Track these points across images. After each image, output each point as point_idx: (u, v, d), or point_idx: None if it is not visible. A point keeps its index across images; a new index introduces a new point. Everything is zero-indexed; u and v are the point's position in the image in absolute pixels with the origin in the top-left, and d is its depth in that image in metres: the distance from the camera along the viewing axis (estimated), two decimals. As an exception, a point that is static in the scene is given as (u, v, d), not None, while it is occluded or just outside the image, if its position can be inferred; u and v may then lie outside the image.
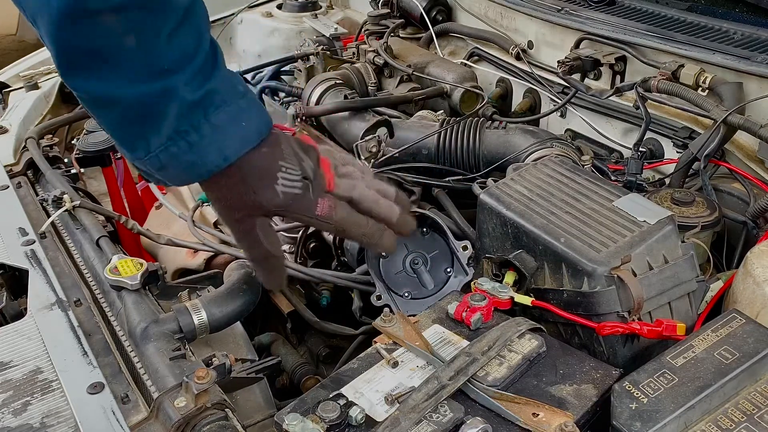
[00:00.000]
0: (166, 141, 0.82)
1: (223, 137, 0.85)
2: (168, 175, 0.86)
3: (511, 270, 1.06)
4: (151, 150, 0.83)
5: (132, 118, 0.82)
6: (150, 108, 0.81)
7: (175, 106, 0.81)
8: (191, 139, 0.83)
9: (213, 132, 0.84)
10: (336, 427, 0.80)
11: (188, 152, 0.83)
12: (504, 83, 2.00)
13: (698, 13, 1.67)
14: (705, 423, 0.79)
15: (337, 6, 2.69)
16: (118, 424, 0.91)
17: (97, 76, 0.79)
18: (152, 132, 0.82)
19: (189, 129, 0.82)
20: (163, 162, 0.84)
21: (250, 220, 0.91)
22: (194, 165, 0.85)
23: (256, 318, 1.49)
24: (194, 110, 0.82)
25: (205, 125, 0.83)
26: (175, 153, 0.83)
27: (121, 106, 0.81)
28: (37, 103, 2.03)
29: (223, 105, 0.84)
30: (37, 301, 1.17)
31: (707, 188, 1.35)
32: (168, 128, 0.82)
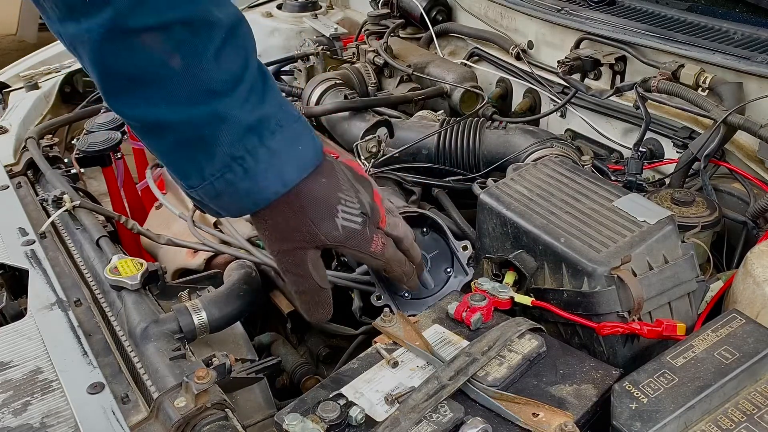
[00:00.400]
0: (221, 167, 0.78)
1: (280, 162, 0.80)
2: (223, 203, 0.82)
3: (511, 270, 1.06)
4: (206, 178, 0.79)
5: (184, 144, 0.78)
6: (201, 133, 0.76)
7: (228, 130, 0.76)
8: (247, 165, 0.78)
9: (270, 157, 0.79)
10: (336, 427, 0.80)
11: (244, 179, 0.79)
12: (504, 83, 2.00)
13: (698, 13, 1.67)
14: (705, 423, 0.79)
15: (337, 6, 2.69)
16: (118, 424, 0.91)
17: (144, 101, 0.75)
18: (205, 158, 0.78)
19: (244, 155, 0.78)
20: (218, 190, 0.80)
21: (299, 253, 0.87)
22: (251, 192, 0.80)
23: (256, 318, 1.49)
24: (249, 134, 0.78)
25: (261, 150, 0.78)
26: (230, 180, 0.79)
27: (171, 131, 0.77)
28: (37, 103, 2.03)
29: (278, 129, 0.79)
30: (37, 301, 1.17)
31: (707, 188, 1.35)
32: (222, 154, 0.77)
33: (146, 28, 0.71)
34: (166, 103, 0.75)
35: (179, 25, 0.72)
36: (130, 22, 0.70)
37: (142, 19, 0.70)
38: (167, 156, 0.81)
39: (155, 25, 0.71)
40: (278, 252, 0.88)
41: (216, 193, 0.80)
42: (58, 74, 2.17)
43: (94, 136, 1.81)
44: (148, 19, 0.71)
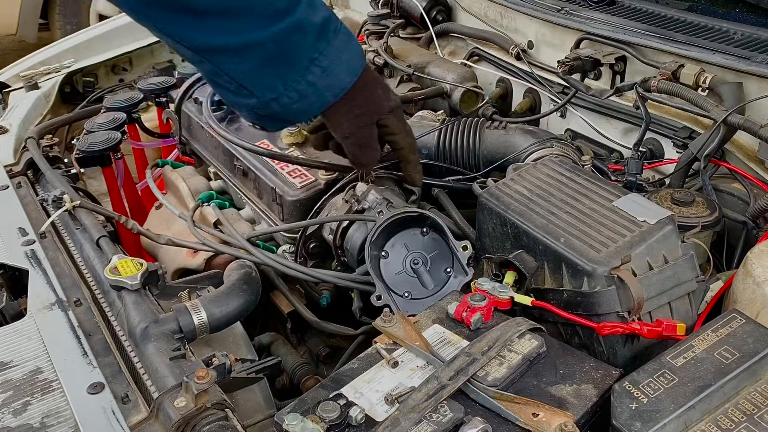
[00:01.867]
0: (303, 71, 0.92)
1: (345, 56, 0.95)
2: (303, 105, 0.95)
3: (511, 270, 1.06)
4: (287, 85, 0.92)
5: (267, 59, 0.90)
6: (284, 44, 0.89)
7: (304, 37, 0.90)
8: (323, 64, 0.92)
9: (338, 53, 0.94)
10: (336, 427, 0.80)
11: (322, 76, 0.93)
12: (504, 83, 2.00)
13: (698, 13, 1.67)
14: (705, 423, 0.79)
15: (337, 6, 2.69)
16: (118, 424, 0.91)
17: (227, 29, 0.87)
18: (287, 67, 0.91)
19: (318, 56, 0.92)
20: (300, 92, 0.93)
21: (371, 125, 1.06)
22: (329, 87, 0.95)
23: (256, 318, 1.49)
24: (319, 37, 0.92)
25: (330, 49, 0.93)
26: (311, 80, 0.92)
27: (257, 50, 0.89)
28: (37, 103, 2.03)
29: (337, 29, 0.94)
30: (37, 301, 1.17)
31: (707, 188, 1.35)
32: (302, 59, 0.91)
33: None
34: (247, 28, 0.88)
35: None
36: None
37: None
38: (250, 75, 0.93)
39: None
40: (356, 129, 1.06)
41: (299, 96, 0.94)
42: (58, 74, 2.17)
43: (94, 136, 1.81)
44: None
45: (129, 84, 2.22)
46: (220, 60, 0.91)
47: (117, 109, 1.93)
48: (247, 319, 1.26)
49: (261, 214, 1.58)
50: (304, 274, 1.35)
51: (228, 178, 1.71)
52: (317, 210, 1.43)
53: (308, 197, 1.45)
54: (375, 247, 1.25)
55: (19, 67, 2.23)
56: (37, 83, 2.10)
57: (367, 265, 1.23)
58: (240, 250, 1.40)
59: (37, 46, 2.51)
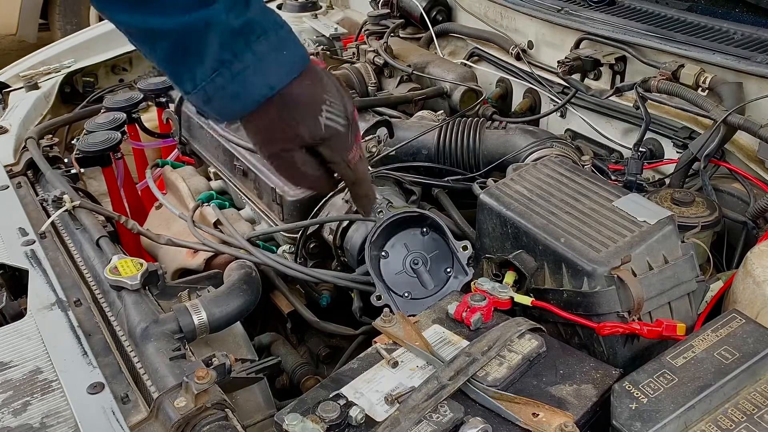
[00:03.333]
0: (210, 72, 0.84)
1: (266, 66, 0.86)
2: (214, 108, 0.88)
3: (511, 270, 1.06)
4: (197, 82, 0.85)
5: (176, 51, 0.84)
6: (193, 39, 0.83)
7: (216, 35, 0.82)
8: (235, 69, 0.84)
9: (256, 61, 0.85)
10: (336, 427, 0.80)
11: (232, 82, 0.84)
12: (504, 83, 2.00)
13: (698, 13, 1.67)
14: (705, 423, 0.79)
15: (337, 6, 2.69)
16: (118, 424, 0.91)
17: (140, 11, 0.82)
18: (197, 63, 0.84)
19: (232, 59, 0.84)
20: (209, 94, 0.85)
21: (288, 153, 0.92)
22: (239, 96, 0.86)
23: (256, 318, 1.49)
24: (236, 39, 0.83)
25: (247, 54, 0.84)
26: (220, 84, 0.84)
27: (164, 38, 0.83)
28: (37, 103, 2.03)
29: (263, 34, 0.85)
30: (37, 301, 1.17)
31: (707, 188, 1.35)
32: (211, 59, 0.83)
33: None
34: (159, 13, 0.81)
35: None
36: None
37: None
38: (165, 63, 0.87)
39: None
40: (269, 155, 0.94)
41: (207, 97, 0.86)
42: (58, 74, 2.17)
43: (94, 136, 1.81)
44: None
45: (129, 84, 2.22)
46: (138, 42, 0.87)
47: (117, 109, 1.94)
48: (247, 319, 1.26)
49: (261, 214, 1.58)
50: (304, 274, 1.35)
51: (228, 178, 1.71)
52: (317, 210, 1.43)
53: (308, 197, 1.45)
54: (375, 247, 1.25)
55: (19, 67, 2.24)
56: (37, 83, 2.10)
57: (367, 265, 1.23)
58: (240, 250, 1.40)
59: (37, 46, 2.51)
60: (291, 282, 1.45)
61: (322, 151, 0.94)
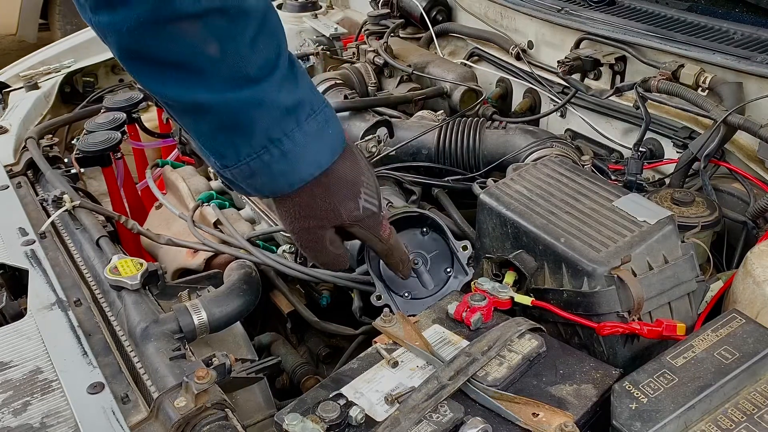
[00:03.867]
0: (258, 149, 0.82)
1: (315, 145, 0.84)
2: (255, 183, 0.85)
3: (511, 270, 1.06)
4: (241, 158, 0.83)
5: (221, 127, 0.81)
6: (240, 116, 0.80)
7: (266, 113, 0.80)
8: (285, 148, 0.82)
9: (306, 140, 0.83)
10: (336, 427, 0.80)
11: (281, 161, 0.82)
12: (504, 83, 2.00)
13: (698, 13, 1.67)
14: (705, 423, 0.79)
15: (337, 6, 2.69)
16: (118, 424, 0.91)
17: (183, 85, 0.78)
18: (243, 140, 0.81)
19: (282, 137, 0.81)
20: (253, 170, 0.83)
21: (320, 231, 0.92)
22: (285, 173, 0.84)
23: (256, 318, 1.49)
24: (287, 118, 0.81)
25: (297, 133, 0.82)
26: (267, 161, 0.82)
27: (209, 114, 0.80)
28: (37, 103, 2.03)
29: (312, 114, 0.83)
30: (37, 301, 1.17)
31: (707, 188, 1.35)
32: (260, 136, 0.81)
33: (184, 15, 0.74)
34: (205, 88, 0.78)
35: (216, 13, 0.76)
36: (168, 11, 0.74)
37: (181, 6, 0.74)
38: (204, 137, 0.85)
39: (193, 13, 0.74)
40: (299, 230, 0.92)
41: (251, 173, 0.84)
42: (58, 74, 2.17)
43: (94, 136, 1.81)
44: (186, 7, 0.74)
45: (129, 84, 2.22)
46: (178, 114, 0.84)
47: (117, 109, 1.93)
48: (247, 319, 1.26)
49: (261, 214, 1.58)
50: (304, 274, 1.35)
51: (228, 178, 1.71)
52: (317, 210, 1.43)
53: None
54: (375, 247, 1.25)
55: (19, 67, 2.24)
56: (37, 83, 2.10)
57: (367, 265, 1.22)
58: (240, 250, 1.40)
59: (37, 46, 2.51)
60: (291, 282, 1.45)
61: (355, 231, 0.94)
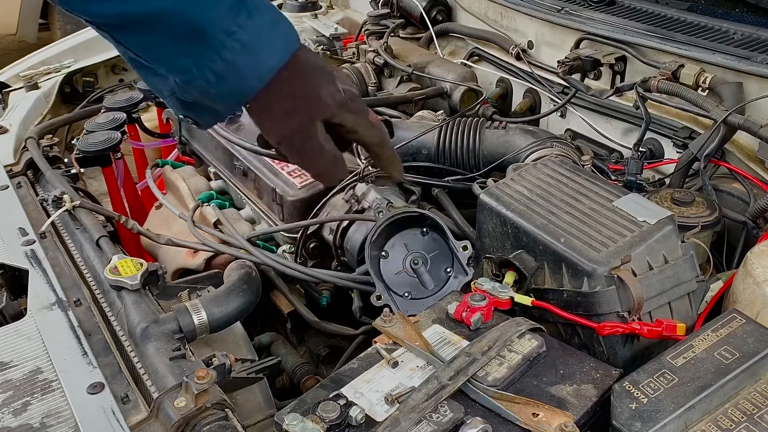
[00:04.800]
0: (218, 47, 0.77)
1: (273, 34, 0.80)
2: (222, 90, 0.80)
3: (511, 270, 1.06)
4: (202, 64, 0.78)
5: (174, 33, 0.76)
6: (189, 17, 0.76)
7: (214, 7, 0.76)
8: (243, 38, 0.78)
9: (262, 29, 0.79)
10: (336, 427, 0.80)
11: (242, 54, 0.78)
12: (504, 83, 2.00)
13: (698, 13, 1.67)
14: (705, 423, 0.79)
15: (337, 6, 2.69)
16: (118, 424, 0.91)
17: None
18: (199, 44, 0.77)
19: (236, 29, 0.77)
20: (218, 73, 0.78)
21: (310, 125, 0.85)
22: (251, 67, 0.79)
23: (256, 318, 1.49)
24: (236, 10, 0.77)
25: (250, 23, 0.78)
26: (229, 58, 0.78)
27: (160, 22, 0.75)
28: (37, 103, 2.03)
29: (260, 7, 0.79)
30: (37, 301, 1.17)
31: (707, 188, 1.35)
32: (216, 33, 0.76)
33: None
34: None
35: None
36: None
37: None
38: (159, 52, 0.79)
39: None
40: (288, 132, 0.86)
41: (216, 78, 0.78)
42: (58, 74, 2.17)
43: (94, 136, 1.81)
44: None
45: (129, 84, 2.22)
46: (123, 36, 0.78)
47: (117, 109, 1.94)
48: (247, 319, 1.26)
49: (261, 214, 1.58)
50: (304, 274, 1.35)
51: (228, 178, 1.71)
52: (317, 210, 1.43)
53: (308, 197, 1.45)
54: (375, 247, 1.25)
55: (19, 67, 2.24)
56: (37, 83, 2.10)
57: (367, 265, 1.23)
58: (240, 250, 1.40)
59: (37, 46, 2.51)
60: (291, 282, 1.45)
61: (342, 120, 0.88)
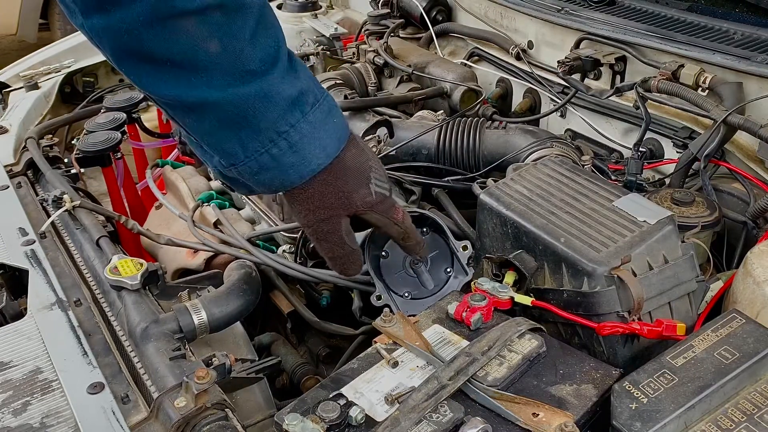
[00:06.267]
0: (266, 143, 0.80)
1: (322, 134, 0.83)
2: (263, 179, 0.84)
3: (511, 270, 1.06)
4: (249, 154, 0.81)
5: (226, 123, 0.80)
6: (245, 111, 0.79)
7: (271, 106, 0.79)
8: (292, 139, 0.81)
9: (312, 130, 0.82)
10: (336, 427, 0.80)
11: (289, 153, 0.81)
12: (504, 83, 2.00)
13: (698, 13, 1.67)
14: (705, 423, 0.79)
15: (337, 6, 2.69)
16: (118, 424, 0.91)
17: (184, 84, 0.77)
18: (249, 135, 0.80)
19: (289, 129, 0.80)
20: (261, 165, 0.82)
21: (336, 220, 0.90)
22: (294, 166, 0.83)
23: (256, 318, 1.49)
24: (292, 109, 0.81)
25: (303, 124, 0.81)
26: (276, 155, 0.81)
27: (213, 110, 0.79)
28: (37, 103, 2.03)
29: (316, 103, 0.83)
30: (37, 301, 1.17)
31: (707, 188, 1.35)
32: (267, 130, 0.80)
33: (183, 12, 0.74)
34: (207, 85, 0.77)
35: (215, 9, 0.75)
36: (166, 9, 0.73)
37: (180, 4, 0.73)
38: (209, 135, 0.83)
39: (192, 9, 0.74)
40: (315, 221, 0.91)
41: (259, 168, 0.82)
42: (58, 74, 2.17)
43: (94, 136, 1.81)
44: (185, 4, 0.73)
45: (129, 84, 2.21)
46: (179, 114, 0.82)
47: (117, 109, 1.94)
48: (247, 319, 1.26)
49: (261, 214, 1.58)
50: (304, 274, 1.35)
51: (228, 178, 1.71)
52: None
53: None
54: (375, 247, 1.25)
55: (19, 67, 2.23)
56: (37, 83, 2.10)
57: (367, 265, 1.22)
58: (240, 250, 1.40)
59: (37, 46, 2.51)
60: (291, 282, 1.45)
61: (369, 218, 0.93)
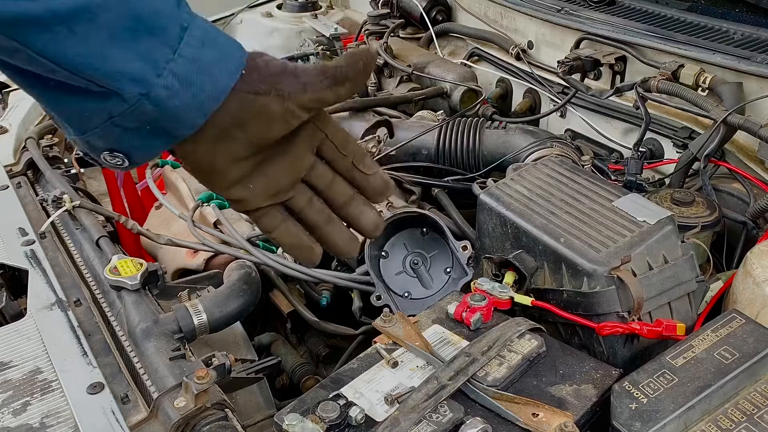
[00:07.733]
0: (176, 43, 0.61)
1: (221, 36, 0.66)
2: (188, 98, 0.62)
3: (511, 270, 1.06)
4: (159, 67, 0.60)
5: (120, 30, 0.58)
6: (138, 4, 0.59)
7: None
8: (196, 33, 0.62)
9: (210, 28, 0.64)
10: (336, 427, 0.80)
11: (203, 48, 0.62)
12: (504, 83, 2.00)
13: (698, 13, 1.67)
14: (705, 423, 0.79)
15: (337, 6, 2.69)
16: (118, 424, 0.91)
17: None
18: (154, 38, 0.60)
19: (190, 23, 0.62)
20: (181, 76, 0.61)
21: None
22: (218, 63, 0.63)
23: (256, 318, 1.49)
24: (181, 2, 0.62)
25: (198, 20, 0.63)
26: (192, 56, 0.61)
27: (100, 16, 0.56)
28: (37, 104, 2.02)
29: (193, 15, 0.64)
30: (37, 301, 1.17)
31: (707, 188, 1.35)
32: (173, 25, 0.61)
33: None
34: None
35: None
36: None
37: None
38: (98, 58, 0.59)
39: None
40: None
41: (180, 81, 0.61)
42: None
43: (95, 136, 1.80)
44: None
45: (129, 84, 2.21)
46: (41, 40, 0.55)
47: (117, 109, 1.93)
48: (247, 319, 1.26)
49: (261, 214, 1.58)
50: (304, 274, 1.35)
51: (228, 178, 1.71)
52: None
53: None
54: (375, 247, 1.25)
55: (19, 67, 2.23)
56: (37, 83, 2.10)
57: (367, 265, 1.23)
58: (240, 250, 1.40)
59: (37, 46, 2.50)
60: (291, 282, 1.45)
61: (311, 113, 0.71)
